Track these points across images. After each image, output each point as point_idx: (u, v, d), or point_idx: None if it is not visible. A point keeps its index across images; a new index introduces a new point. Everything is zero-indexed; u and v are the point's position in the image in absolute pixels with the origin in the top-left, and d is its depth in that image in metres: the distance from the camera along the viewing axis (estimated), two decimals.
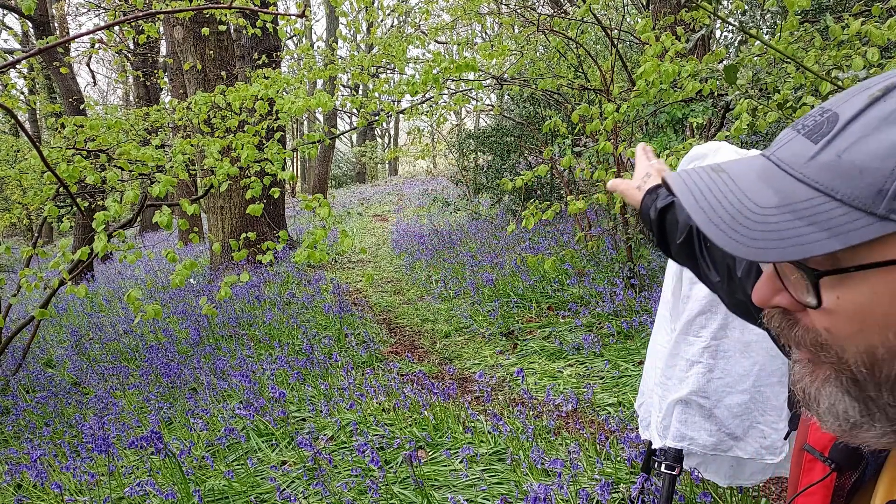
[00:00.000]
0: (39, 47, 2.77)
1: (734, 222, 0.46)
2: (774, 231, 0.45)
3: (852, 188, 0.43)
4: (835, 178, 0.44)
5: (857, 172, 0.43)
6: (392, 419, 3.26)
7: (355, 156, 26.91)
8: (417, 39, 5.21)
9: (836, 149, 0.45)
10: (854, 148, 0.44)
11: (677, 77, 2.93)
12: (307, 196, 3.24)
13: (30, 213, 12.50)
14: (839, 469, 0.58)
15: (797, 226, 0.44)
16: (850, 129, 0.45)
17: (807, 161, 0.46)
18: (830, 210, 0.44)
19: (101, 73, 28.55)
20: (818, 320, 0.48)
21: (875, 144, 0.43)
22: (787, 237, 0.44)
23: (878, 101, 0.45)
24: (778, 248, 0.44)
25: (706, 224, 0.47)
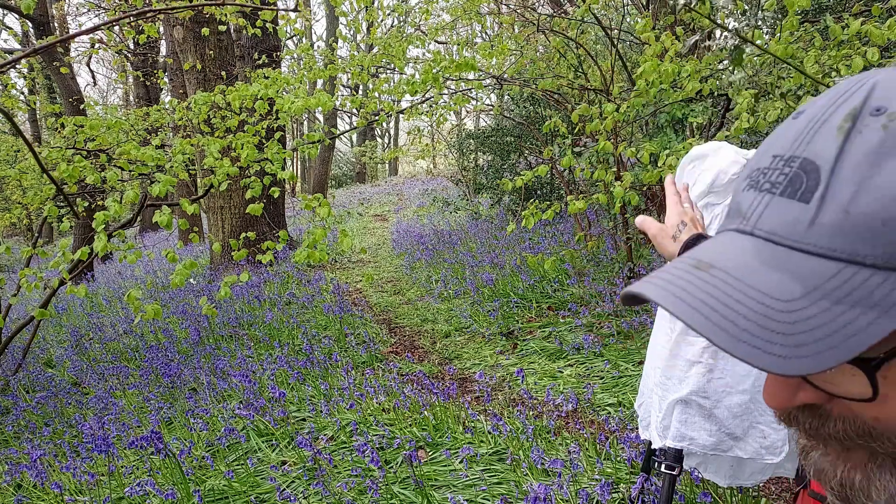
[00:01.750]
0: (38, 46, 2.77)
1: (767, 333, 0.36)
2: (818, 328, 0.35)
3: (882, 246, 0.35)
4: (855, 240, 0.35)
5: (880, 225, 0.35)
6: (392, 419, 3.26)
7: (355, 156, 26.91)
8: (417, 39, 5.21)
9: (839, 204, 0.36)
10: (861, 198, 0.35)
11: (677, 77, 2.93)
12: (307, 196, 3.24)
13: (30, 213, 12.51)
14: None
15: (840, 312, 0.35)
16: (841, 175, 0.36)
17: (808, 227, 0.37)
18: (866, 281, 0.35)
19: (101, 73, 28.57)
20: (867, 410, 0.39)
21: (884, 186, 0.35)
22: (835, 330, 0.35)
23: (853, 134, 0.37)
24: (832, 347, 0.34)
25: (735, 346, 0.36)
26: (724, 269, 0.40)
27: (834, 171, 0.37)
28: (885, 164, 0.35)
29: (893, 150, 0.35)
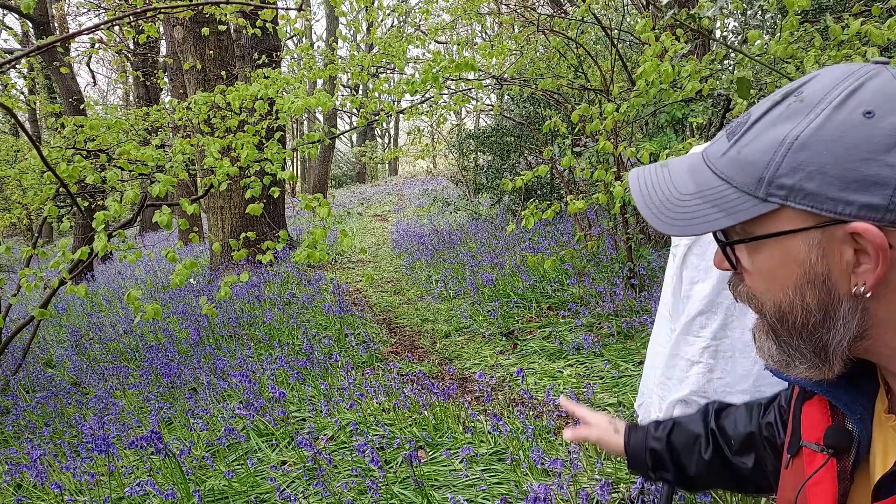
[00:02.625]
0: (38, 45, 2.77)
1: (663, 207, 0.60)
2: (689, 213, 0.58)
3: (743, 177, 0.55)
4: (734, 169, 0.56)
5: (748, 164, 0.55)
6: (392, 419, 3.26)
7: (355, 156, 26.91)
8: (417, 39, 5.21)
9: (739, 146, 0.56)
10: (749, 145, 0.55)
11: (677, 77, 2.93)
12: (307, 196, 3.24)
13: (30, 213, 12.51)
14: (836, 454, 0.63)
15: (704, 208, 0.57)
16: (753, 129, 0.56)
17: (720, 156, 0.58)
18: (728, 195, 0.56)
19: (101, 73, 28.57)
20: (746, 279, 0.61)
21: (761, 142, 0.54)
22: (696, 217, 0.57)
23: (777, 105, 0.56)
24: (690, 225, 0.57)
25: (643, 209, 0.61)
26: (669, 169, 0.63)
27: (752, 126, 0.56)
28: (775, 128, 0.54)
29: (783, 120, 0.54)
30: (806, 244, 0.53)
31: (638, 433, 1.01)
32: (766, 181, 0.53)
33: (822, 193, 0.51)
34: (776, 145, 0.53)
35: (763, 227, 0.55)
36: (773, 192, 0.53)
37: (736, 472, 0.91)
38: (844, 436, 0.62)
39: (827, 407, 0.66)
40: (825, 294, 0.54)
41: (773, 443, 0.85)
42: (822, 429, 0.65)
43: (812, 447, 0.66)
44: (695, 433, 0.95)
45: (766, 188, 0.53)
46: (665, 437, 0.97)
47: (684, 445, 0.95)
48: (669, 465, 0.97)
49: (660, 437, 0.98)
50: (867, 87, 0.52)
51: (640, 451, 0.99)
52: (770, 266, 0.57)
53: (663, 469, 0.97)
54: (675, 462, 0.96)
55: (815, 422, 0.67)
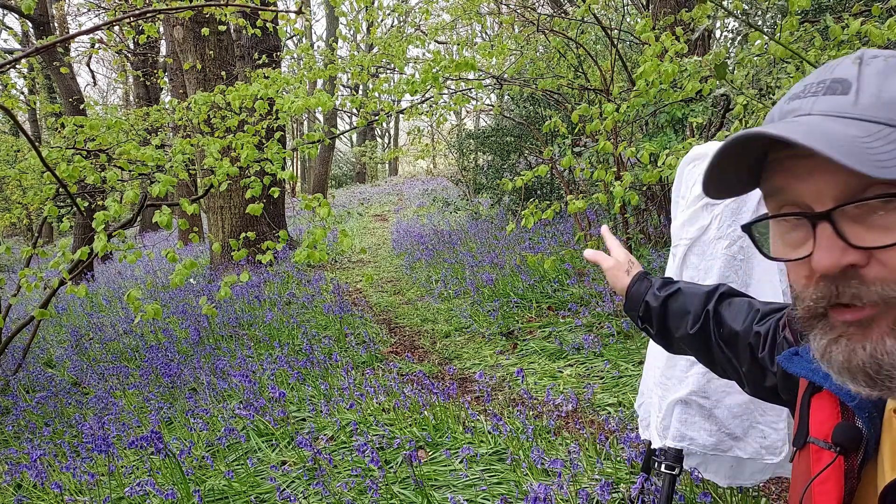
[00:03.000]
0: (38, 46, 2.77)
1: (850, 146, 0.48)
2: (882, 153, 0.48)
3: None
4: (891, 112, 0.50)
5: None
6: (392, 419, 3.26)
7: (355, 156, 26.91)
8: (417, 39, 5.21)
9: (871, 93, 0.52)
10: (885, 91, 0.51)
11: (677, 77, 2.93)
12: (307, 196, 3.24)
13: (30, 213, 12.51)
14: (845, 452, 0.61)
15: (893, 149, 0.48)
16: (865, 80, 0.53)
17: (853, 106, 0.52)
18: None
19: (101, 73, 28.56)
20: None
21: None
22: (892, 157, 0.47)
23: (863, 65, 0.54)
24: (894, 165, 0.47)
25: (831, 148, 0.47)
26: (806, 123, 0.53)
27: (859, 78, 0.53)
28: (893, 75, 0.52)
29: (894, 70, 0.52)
30: None
31: (643, 284, 1.06)
32: None
33: None
34: None
35: None
36: None
37: (712, 354, 0.96)
38: (854, 434, 0.61)
39: (837, 403, 0.64)
40: None
41: (755, 351, 0.88)
42: (831, 426, 0.63)
43: (820, 444, 0.64)
44: (690, 307, 0.98)
45: None
46: (664, 298, 1.01)
47: (676, 313, 1.00)
48: (655, 322, 1.02)
49: (659, 296, 1.01)
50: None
51: (638, 299, 1.05)
52: None
53: (649, 322, 1.03)
54: (661, 323, 1.01)
55: (824, 418, 0.65)
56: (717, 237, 1.67)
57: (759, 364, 0.87)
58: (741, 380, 0.92)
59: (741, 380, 0.92)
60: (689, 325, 0.97)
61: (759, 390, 0.90)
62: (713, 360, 0.96)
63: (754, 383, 0.90)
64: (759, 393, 0.90)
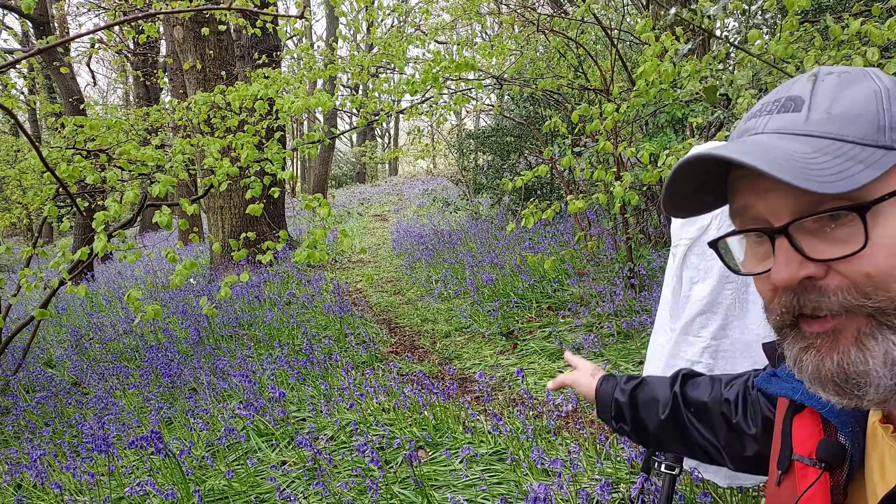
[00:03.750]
0: (39, 47, 2.77)
1: (792, 164, 0.50)
2: (826, 168, 0.49)
3: (857, 130, 0.51)
4: (839, 126, 0.52)
5: (854, 118, 0.51)
6: (392, 419, 3.26)
7: (355, 156, 26.91)
8: (417, 39, 5.21)
9: (822, 109, 0.53)
10: (835, 107, 0.52)
11: (677, 77, 2.93)
12: (307, 196, 3.24)
13: (30, 213, 12.51)
14: (830, 468, 0.61)
15: (838, 163, 0.49)
16: (818, 97, 0.54)
17: (804, 122, 0.53)
18: (851, 150, 0.50)
19: (101, 73, 28.56)
20: (859, 268, 0.50)
21: (850, 98, 0.52)
22: (837, 172, 0.49)
23: (817, 82, 0.55)
24: (837, 180, 0.48)
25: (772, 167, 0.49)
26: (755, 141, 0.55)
27: (812, 95, 0.55)
28: (845, 91, 0.53)
29: (847, 85, 0.53)
30: None
31: (608, 382, 1.06)
32: (887, 127, 0.51)
33: None
34: (872, 97, 0.52)
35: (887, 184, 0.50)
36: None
37: (688, 437, 0.95)
38: (838, 449, 0.61)
39: (819, 420, 0.65)
40: None
41: (728, 420, 0.88)
42: (815, 442, 0.64)
43: (804, 461, 0.65)
44: (657, 395, 0.98)
45: (890, 134, 0.50)
46: (630, 390, 1.01)
47: (645, 403, 0.99)
48: (628, 419, 1.01)
49: (625, 390, 1.02)
50: None
51: (607, 400, 1.04)
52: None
53: (622, 420, 1.02)
54: (634, 417, 1.01)
55: (807, 435, 0.66)
56: (717, 237, 1.67)
57: (735, 431, 0.88)
58: (721, 456, 0.91)
59: (721, 456, 0.91)
60: (661, 411, 0.97)
61: (741, 463, 0.89)
62: (691, 443, 0.95)
63: (735, 456, 0.89)
64: (741, 466, 0.89)
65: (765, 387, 0.72)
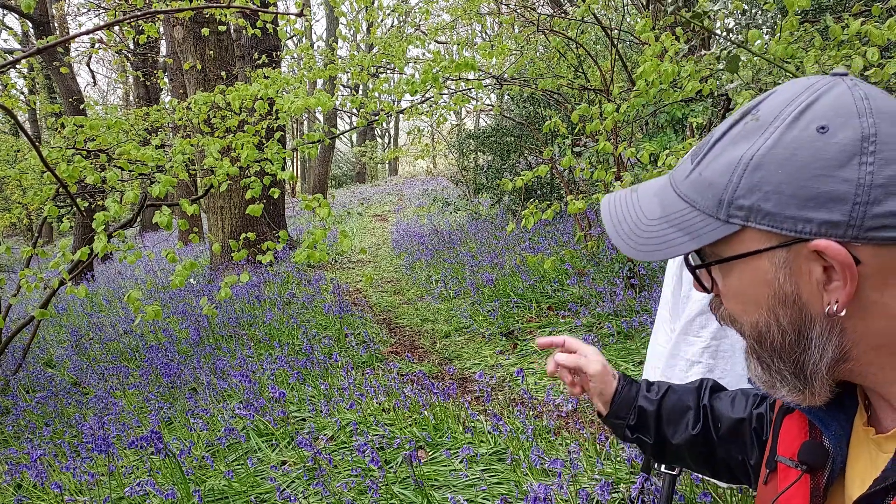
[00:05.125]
0: (39, 47, 2.77)
1: (632, 233, 0.60)
2: (655, 237, 0.58)
3: (705, 199, 0.55)
4: (696, 192, 0.56)
5: (707, 186, 0.55)
6: (392, 419, 3.26)
7: (355, 156, 26.91)
8: (417, 39, 5.21)
9: (701, 167, 0.56)
10: (709, 167, 0.55)
11: (677, 77, 2.93)
12: (307, 196, 3.24)
13: (30, 213, 12.51)
14: (811, 470, 0.62)
15: (669, 232, 0.57)
16: (714, 149, 0.56)
17: (684, 178, 0.58)
18: (692, 218, 0.56)
19: (101, 73, 28.56)
20: (724, 301, 0.60)
21: (720, 163, 0.54)
22: (663, 241, 0.57)
23: (736, 125, 0.56)
24: (657, 250, 0.57)
25: (614, 237, 0.62)
26: (638, 194, 0.64)
27: (713, 147, 0.56)
28: (733, 148, 0.54)
29: (740, 139, 0.54)
30: (772, 264, 0.53)
31: (631, 388, 0.95)
32: (726, 203, 0.53)
33: (780, 213, 0.50)
34: (733, 166, 0.53)
35: (729, 248, 0.55)
36: (734, 214, 0.53)
37: (715, 455, 0.89)
38: (819, 452, 0.62)
39: (805, 423, 0.66)
40: (797, 314, 0.53)
41: (760, 435, 0.84)
42: (798, 444, 0.64)
43: (786, 462, 0.65)
44: (686, 404, 0.91)
45: (727, 209, 0.53)
46: (658, 399, 0.93)
47: (673, 413, 0.91)
48: (652, 429, 0.92)
49: (652, 398, 0.93)
50: (822, 101, 0.51)
51: (627, 406, 0.93)
52: (741, 287, 0.56)
53: (644, 431, 0.92)
54: (658, 427, 0.92)
55: (792, 437, 0.67)
56: None
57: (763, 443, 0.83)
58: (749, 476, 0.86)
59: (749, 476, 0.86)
60: (692, 425, 0.89)
61: None
62: (716, 461, 0.89)
63: None
64: None
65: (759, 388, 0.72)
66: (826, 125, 0.50)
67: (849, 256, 0.49)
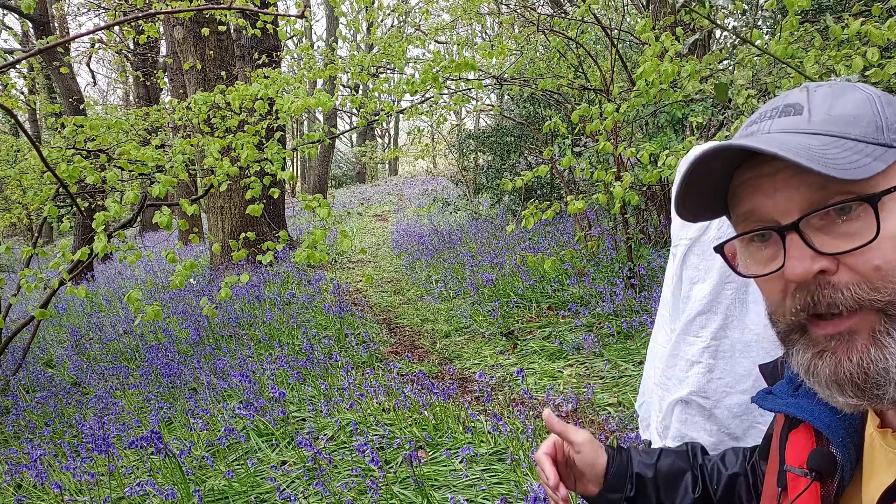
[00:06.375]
0: (39, 47, 2.77)
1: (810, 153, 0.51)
2: (839, 158, 0.51)
3: (859, 129, 0.53)
4: (841, 126, 0.54)
5: (853, 119, 0.54)
6: (392, 419, 3.26)
7: (355, 156, 26.91)
8: (417, 39, 5.21)
9: (822, 112, 0.55)
10: (834, 109, 0.55)
11: (677, 77, 2.93)
12: (307, 196, 3.24)
13: (30, 213, 12.51)
14: (820, 478, 0.61)
15: (849, 155, 0.51)
16: (815, 103, 0.56)
17: (808, 123, 0.55)
18: (856, 145, 0.52)
19: (101, 73, 28.56)
20: (868, 261, 0.51)
21: (846, 104, 0.55)
22: (850, 162, 0.51)
23: (809, 92, 0.58)
24: (852, 168, 0.50)
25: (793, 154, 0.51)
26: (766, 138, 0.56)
27: (809, 102, 0.57)
28: (839, 98, 0.56)
29: (840, 93, 0.57)
30: None
31: (622, 455, 0.89)
32: (885, 127, 0.53)
33: None
34: (866, 101, 0.55)
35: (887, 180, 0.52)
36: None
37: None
38: (828, 459, 0.61)
39: (812, 433, 0.66)
40: None
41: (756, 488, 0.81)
42: (807, 453, 0.64)
43: (795, 472, 0.64)
44: (681, 467, 0.88)
45: (888, 134, 0.53)
46: (654, 463, 0.88)
47: (669, 478, 0.88)
48: (653, 499, 0.87)
49: (648, 462, 0.88)
50: None
51: (623, 475, 0.87)
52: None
53: (644, 499, 0.87)
54: (657, 496, 0.87)
55: (799, 448, 0.66)
56: (717, 237, 1.67)
57: None
58: None
59: None
60: (692, 488, 0.86)
61: None
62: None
63: None
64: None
65: (761, 404, 0.72)
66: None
67: None
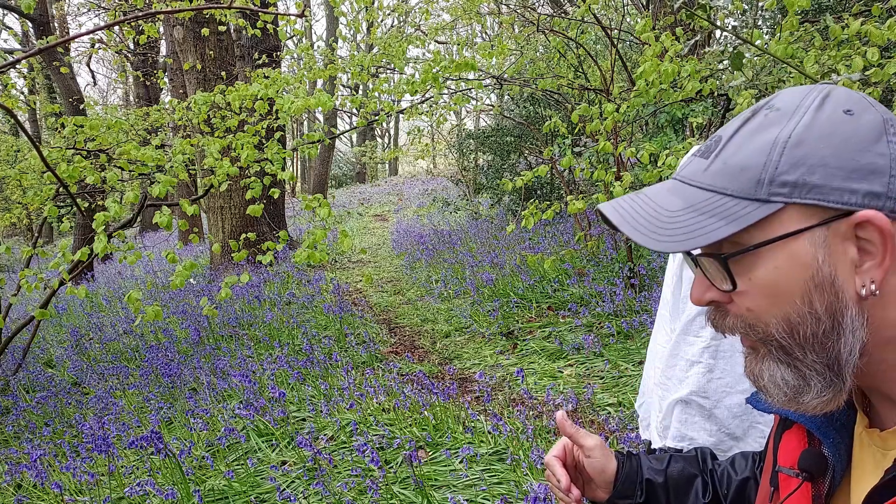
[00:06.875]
0: (39, 47, 2.77)
1: (651, 226, 0.56)
2: (683, 226, 0.55)
3: (738, 183, 0.54)
4: (724, 179, 0.55)
5: (739, 171, 0.54)
6: (392, 419, 3.26)
7: (355, 156, 26.91)
8: (417, 39, 5.21)
9: (723, 158, 0.56)
10: (736, 154, 0.55)
11: (677, 77, 2.93)
12: (307, 196, 3.24)
13: (30, 213, 12.51)
14: (811, 478, 0.62)
15: (700, 220, 0.54)
16: (732, 142, 0.57)
17: (703, 172, 0.57)
18: (724, 204, 0.54)
19: (101, 73, 28.56)
20: (742, 303, 0.56)
21: (750, 148, 0.55)
22: (693, 230, 0.54)
23: (749, 120, 0.57)
24: (687, 238, 0.54)
25: (630, 231, 0.57)
26: (647, 194, 0.61)
27: (728, 141, 0.57)
28: (761, 134, 0.55)
29: (766, 127, 0.55)
30: (812, 244, 0.52)
31: (632, 461, 0.90)
32: (766, 181, 0.52)
33: (827, 185, 0.51)
34: (769, 147, 0.53)
35: (763, 233, 0.53)
36: (776, 191, 0.52)
37: None
38: (819, 459, 0.62)
39: (804, 434, 0.66)
40: (833, 297, 0.52)
41: None
42: (798, 454, 0.64)
43: (787, 472, 0.65)
44: (691, 472, 0.88)
45: (768, 188, 0.52)
46: (664, 468, 0.88)
47: (680, 483, 0.88)
48: (662, 502, 0.87)
49: (658, 467, 0.88)
50: (835, 93, 0.55)
51: (633, 481, 0.87)
52: (775, 276, 0.54)
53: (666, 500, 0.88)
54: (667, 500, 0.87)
55: (791, 448, 0.67)
56: None
57: None
58: None
59: None
60: (702, 493, 0.86)
61: None
62: None
63: None
64: None
65: (755, 404, 0.72)
66: (851, 109, 0.53)
67: (891, 226, 0.50)
